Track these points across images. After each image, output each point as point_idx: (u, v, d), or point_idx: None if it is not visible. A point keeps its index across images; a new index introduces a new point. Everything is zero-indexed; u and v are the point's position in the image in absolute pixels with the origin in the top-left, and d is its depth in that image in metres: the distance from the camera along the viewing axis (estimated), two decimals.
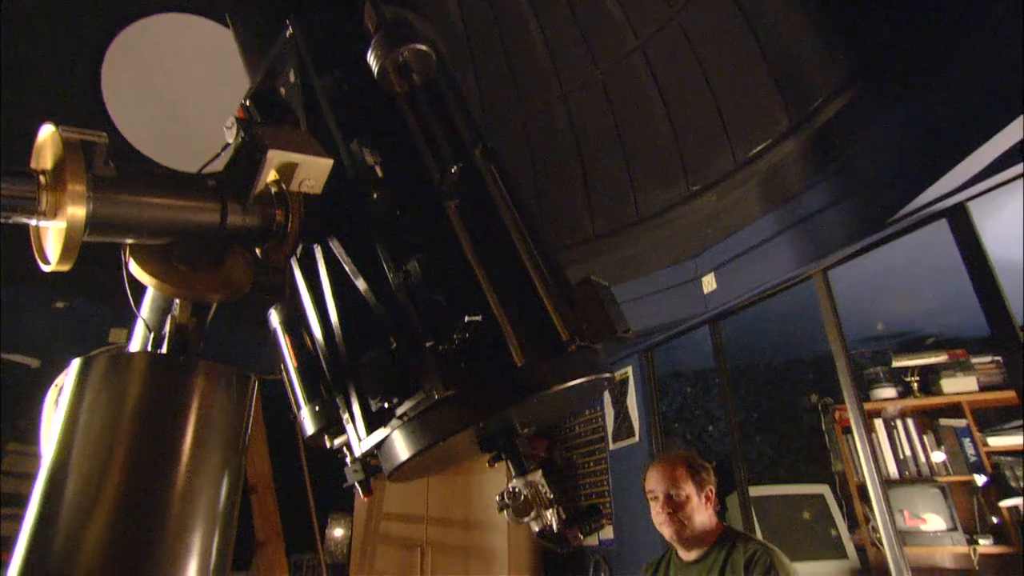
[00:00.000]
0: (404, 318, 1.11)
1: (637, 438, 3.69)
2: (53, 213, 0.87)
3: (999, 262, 2.13)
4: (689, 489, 1.95)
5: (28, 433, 3.10)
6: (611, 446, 3.93)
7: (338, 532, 4.58)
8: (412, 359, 1.06)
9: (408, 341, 1.09)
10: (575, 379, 1.10)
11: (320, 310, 1.28)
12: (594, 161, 3.44)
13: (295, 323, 1.37)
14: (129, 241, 1.01)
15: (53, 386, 1.18)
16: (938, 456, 3.50)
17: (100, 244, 0.99)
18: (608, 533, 3.85)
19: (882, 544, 2.75)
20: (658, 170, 3.19)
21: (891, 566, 2.45)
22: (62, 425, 0.95)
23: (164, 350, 1.08)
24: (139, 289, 1.17)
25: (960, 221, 2.23)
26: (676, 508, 1.93)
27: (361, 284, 1.19)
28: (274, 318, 1.39)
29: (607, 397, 4.02)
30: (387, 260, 1.18)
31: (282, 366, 1.38)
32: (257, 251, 1.22)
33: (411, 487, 4.03)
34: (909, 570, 2.43)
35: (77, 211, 0.85)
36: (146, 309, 1.16)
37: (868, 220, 2.44)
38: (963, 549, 3.27)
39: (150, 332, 1.11)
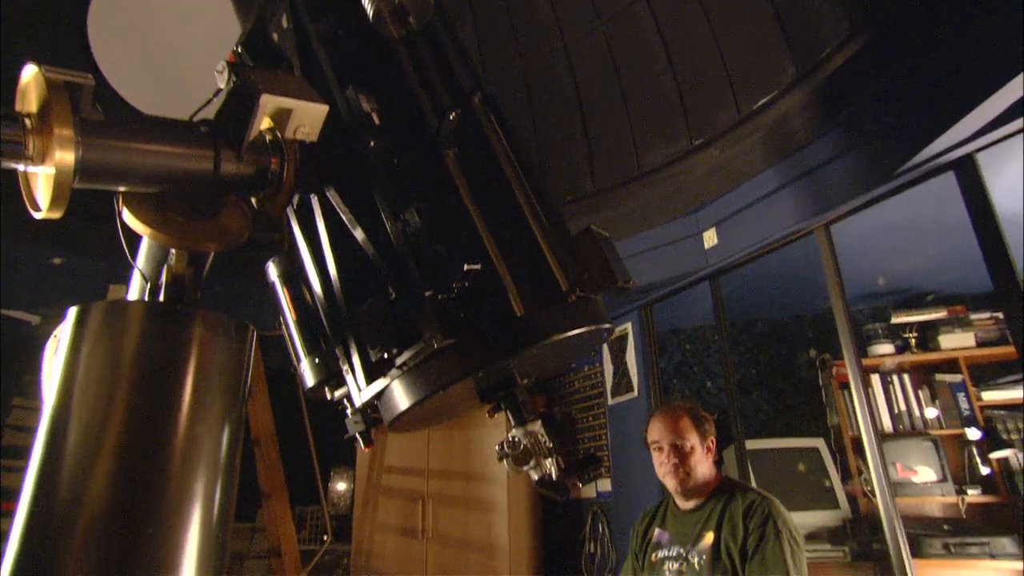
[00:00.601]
0: (403, 268, 1.10)
1: (636, 393, 3.73)
2: (41, 158, 0.85)
3: (1004, 215, 2.11)
4: (693, 440, 1.97)
5: (32, 388, 3.12)
6: (610, 401, 3.97)
7: (341, 486, 4.67)
8: (411, 309, 1.05)
9: (407, 291, 1.08)
10: (575, 329, 1.10)
11: (318, 261, 1.27)
12: (595, 114, 3.38)
13: (294, 276, 1.36)
14: (121, 189, 0.99)
15: (52, 337, 1.18)
16: (932, 411, 3.55)
17: (95, 198, 0.97)
18: (606, 486, 3.93)
19: (874, 495, 2.81)
20: (660, 123, 3.13)
21: (882, 515, 2.50)
22: (61, 374, 0.95)
23: (161, 300, 1.07)
24: (134, 239, 1.16)
25: (967, 173, 2.20)
26: (681, 459, 1.95)
27: (359, 234, 1.18)
28: (272, 271, 1.38)
29: (606, 353, 4.05)
30: (385, 209, 1.17)
31: (281, 319, 1.38)
32: (253, 201, 1.21)
33: (412, 442, 4.09)
34: (900, 519, 2.48)
35: (65, 156, 0.83)
36: (142, 259, 1.15)
37: (874, 172, 2.40)
38: (952, 499, 3.36)
39: (146, 283, 1.10)
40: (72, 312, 0.99)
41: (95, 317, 0.96)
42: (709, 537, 1.87)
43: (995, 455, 3.31)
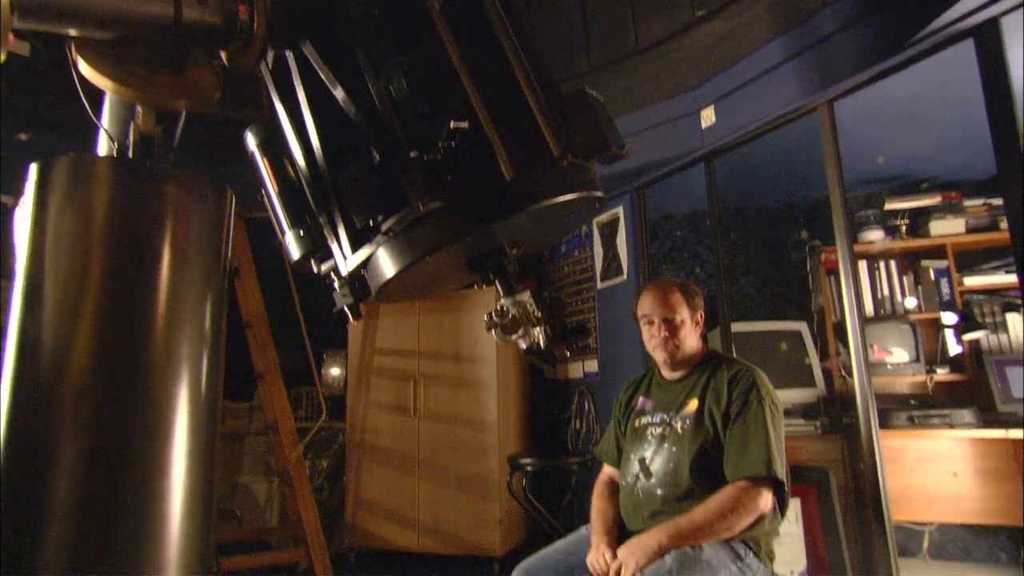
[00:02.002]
0: (386, 128, 1.04)
1: (625, 277, 3.75)
2: None
3: (1016, 89, 2.02)
4: (684, 313, 1.98)
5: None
6: (599, 285, 4.01)
7: (335, 371, 4.78)
8: (396, 171, 1.01)
9: (391, 152, 1.02)
10: (566, 195, 1.06)
11: (297, 126, 1.20)
12: None
13: (274, 144, 1.29)
14: (71, 32, 0.91)
15: (17, 208, 1.12)
16: (913, 298, 3.63)
17: (63, 73, 0.88)
18: (592, 366, 4.05)
19: (851, 375, 2.92)
20: None
21: (857, 392, 2.60)
22: (29, 237, 0.91)
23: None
24: (97, 100, 1.08)
25: (988, 40, 2.06)
26: (671, 332, 1.97)
27: (339, 93, 1.10)
28: (251, 141, 1.30)
29: (596, 236, 4.03)
30: (366, 66, 1.08)
31: (263, 191, 1.32)
32: (223, 56, 1.12)
33: (402, 324, 4.15)
34: (873, 396, 2.58)
35: None
36: (107, 118, 1.07)
37: (886, 40, 2.26)
38: (921, 378, 3.52)
39: (113, 143, 1.03)
40: (33, 168, 0.93)
41: (60, 173, 0.91)
42: (693, 404, 1.94)
43: (968, 336, 3.42)
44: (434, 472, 3.91)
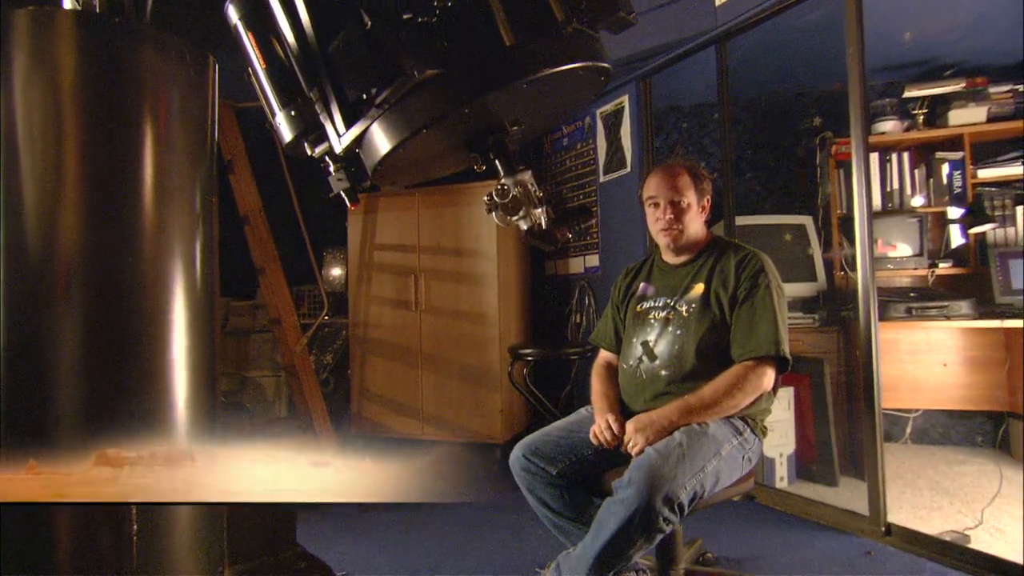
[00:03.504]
0: None
1: (628, 169, 3.66)
2: None
3: None
4: (691, 197, 1.94)
5: None
6: (602, 178, 3.92)
7: (336, 271, 4.79)
8: (389, 36, 0.93)
9: (383, 14, 0.94)
10: (571, 64, 0.99)
11: None
12: None
13: (258, 16, 1.19)
14: None
15: None
16: (922, 195, 3.56)
17: None
18: (593, 261, 4.04)
19: (852, 269, 2.91)
20: None
21: (859, 286, 2.59)
22: None
23: None
24: None
25: None
26: (676, 215, 1.93)
27: None
28: (232, 13, 1.20)
29: (600, 129, 3.90)
30: None
31: (249, 70, 1.24)
32: None
33: (402, 220, 4.10)
34: (875, 289, 2.58)
35: None
36: None
37: None
38: (922, 272, 3.53)
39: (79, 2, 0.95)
40: None
41: (19, 28, 0.82)
42: (699, 288, 1.93)
43: (975, 230, 3.39)
44: (436, 364, 4.00)
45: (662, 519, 1.57)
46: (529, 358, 3.67)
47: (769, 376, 1.81)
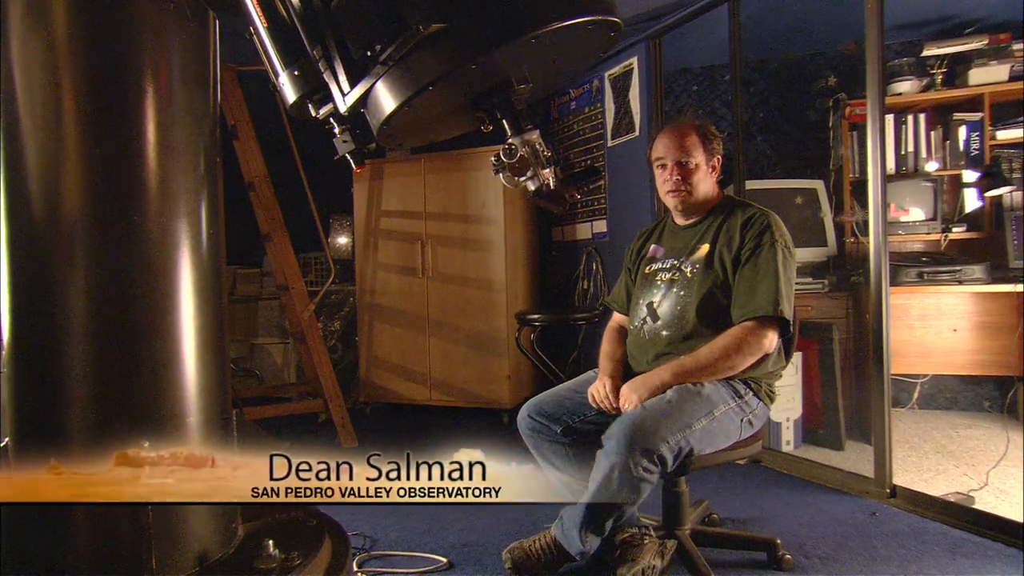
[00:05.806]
0: None
1: (637, 132, 3.60)
2: None
3: None
4: (699, 157, 1.90)
5: None
6: (610, 143, 3.87)
7: (342, 239, 4.78)
8: None
9: None
10: (580, 17, 0.96)
11: None
12: None
13: None
14: None
15: None
16: (936, 159, 3.49)
17: None
18: (601, 227, 4.01)
19: (864, 234, 2.87)
20: None
21: (871, 249, 2.55)
22: None
23: None
24: None
25: None
26: (684, 176, 1.90)
27: None
28: None
29: (608, 92, 3.82)
30: None
31: (251, 29, 1.21)
32: None
33: (408, 186, 4.07)
34: (887, 253, 2.54)
35: None
36: None
37: None
38: (935, 236, 3.49)
39: None
40: None
41: None
42: (704, 248, 1.91)
43: (992, 193, 3.33)
44: (444, 330, 4.01)
45: (641, 469, 1.59)
46: (536, 324, 3.67)
47: (770, 337, 1.78)
